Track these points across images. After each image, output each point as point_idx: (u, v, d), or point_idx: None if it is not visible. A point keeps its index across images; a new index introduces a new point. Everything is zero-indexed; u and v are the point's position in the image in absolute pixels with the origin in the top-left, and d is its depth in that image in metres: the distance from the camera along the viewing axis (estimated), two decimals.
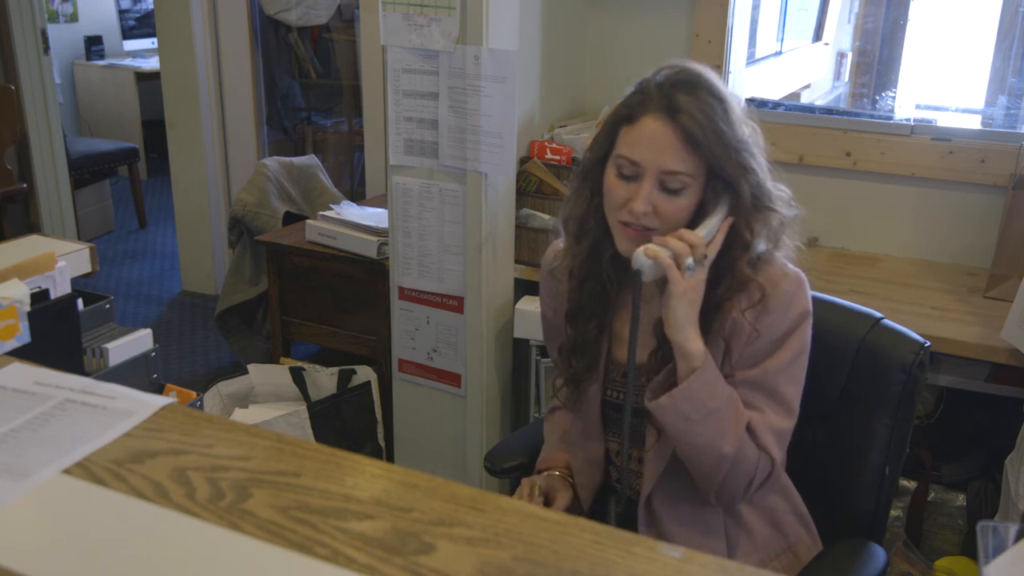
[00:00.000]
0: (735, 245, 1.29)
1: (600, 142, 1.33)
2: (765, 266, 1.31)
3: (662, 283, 1.27)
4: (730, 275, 1.29)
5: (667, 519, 1.39)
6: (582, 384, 1.43)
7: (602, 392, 1.44)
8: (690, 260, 1.24)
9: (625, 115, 1.28)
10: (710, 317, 1.30)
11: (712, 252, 1.27)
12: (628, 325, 1.35)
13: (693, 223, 1.28)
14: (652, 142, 1.24)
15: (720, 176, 1.26)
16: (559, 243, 1.49)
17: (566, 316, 1.44)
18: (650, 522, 1.40)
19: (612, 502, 1.47)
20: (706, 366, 1.26)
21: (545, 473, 1.54)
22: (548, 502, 1.49)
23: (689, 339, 1.26)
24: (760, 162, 1.29)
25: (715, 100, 1.25)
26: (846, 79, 4.29)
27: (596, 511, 1.52)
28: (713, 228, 1.27)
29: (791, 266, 1.34)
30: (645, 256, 1.25)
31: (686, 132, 1.23)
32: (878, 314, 1.53)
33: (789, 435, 1.34)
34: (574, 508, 1.50)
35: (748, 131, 1.29)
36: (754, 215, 1.28)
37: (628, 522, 1.43)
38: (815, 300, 1.38)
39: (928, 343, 1.48)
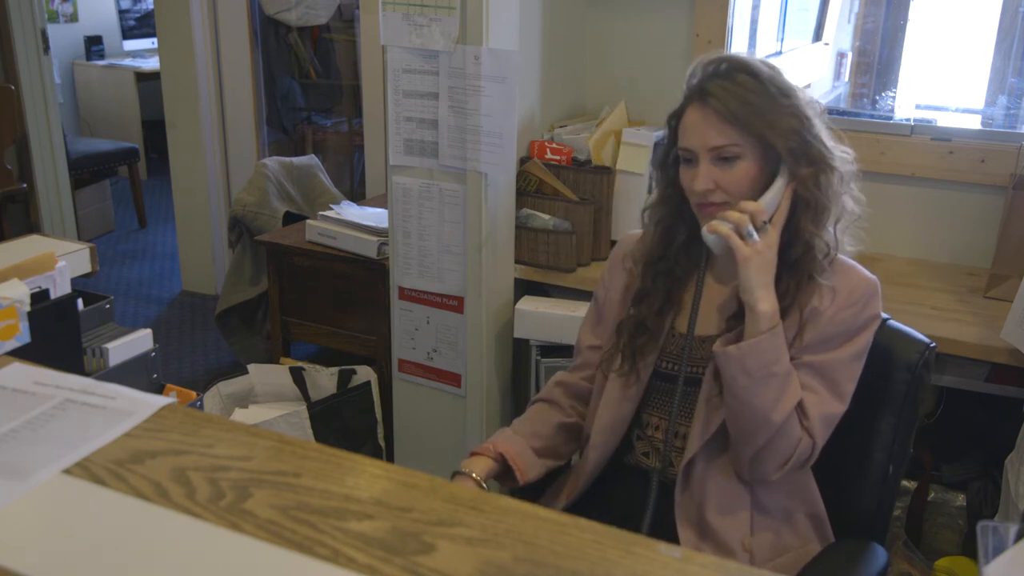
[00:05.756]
0: (798, 205, 1.38)
1: (667, 143, 1.49)
2: (841, 264, 1.41)
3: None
4: (797, 235, 1.38)
5: (701, 489, 1.42)
6: (638, 358, 1.50)
7: (656, 364, 1.50)
8: (749, 227, 1.33)
9: (676, 114, 1.44)
10: (788, 279, 1.38)
11: (779, 218, 1.37)
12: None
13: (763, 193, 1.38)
14: (695, 127, 1.39)
15: (770, 144, 1.36)
16: (637, 232, 1.61)
17: (635, 295, 1.53)
18: (686, 485, 1.43)
19: (654, 476, 1.48)
20: (777, 331, 1.34)
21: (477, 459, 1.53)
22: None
23: (759, 299, 1.33)
24: (812, 124, 1.39)
25: (748, 77, 1.37)
26: (846, 79, 4.28)
27: (619, 491, 1.53)
28: (776, 195, 1.36)
29: (870, 273, 1.43)
30: (709, 232, 1.36)
31: (717, 111, 1.36)
32: (883, 314, 1.53)
33: (835, 423, 1.39)
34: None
35: (792, 101, 1.38)
36: (808, 174, 1.37)
37: (657, 502, 1.45)
38: None
39: (934, 344, 1.50)
